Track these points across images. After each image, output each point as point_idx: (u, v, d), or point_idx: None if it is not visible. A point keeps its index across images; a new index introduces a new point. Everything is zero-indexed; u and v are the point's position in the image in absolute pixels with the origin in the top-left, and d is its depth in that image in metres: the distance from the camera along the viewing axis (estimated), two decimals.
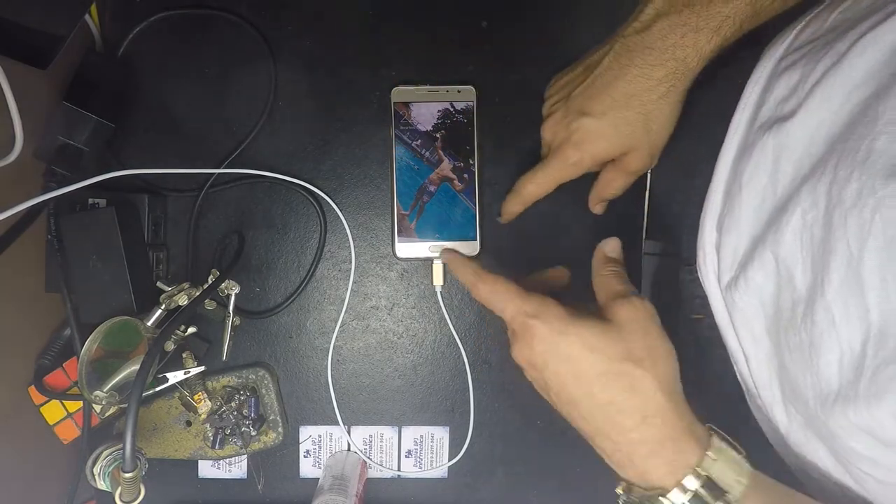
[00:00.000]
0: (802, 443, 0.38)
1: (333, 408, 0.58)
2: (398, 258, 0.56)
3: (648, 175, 0.56)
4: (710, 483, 0.33)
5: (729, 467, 0.34)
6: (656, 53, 0.40)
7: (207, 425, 0.56)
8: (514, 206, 0.52)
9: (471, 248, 0.55)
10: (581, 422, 0.37)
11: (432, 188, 0.55)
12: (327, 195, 0.56)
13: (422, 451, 0.59)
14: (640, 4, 0.42)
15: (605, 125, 0.44)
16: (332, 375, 0.58)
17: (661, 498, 0.33)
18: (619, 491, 0.37)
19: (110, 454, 0.51)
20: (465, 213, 0.55)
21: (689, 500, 0.33)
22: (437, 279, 0.56)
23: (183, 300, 0.51)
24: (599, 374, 0.35)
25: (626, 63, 0.42)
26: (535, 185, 0.49)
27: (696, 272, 0.46)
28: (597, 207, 0.53)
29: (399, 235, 0.55)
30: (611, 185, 0.50)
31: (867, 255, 0.31)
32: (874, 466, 0.33)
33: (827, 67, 0.36)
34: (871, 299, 0.31)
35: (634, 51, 0.41)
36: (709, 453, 0.34)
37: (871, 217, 0.30)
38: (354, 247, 0.57)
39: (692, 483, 0.33)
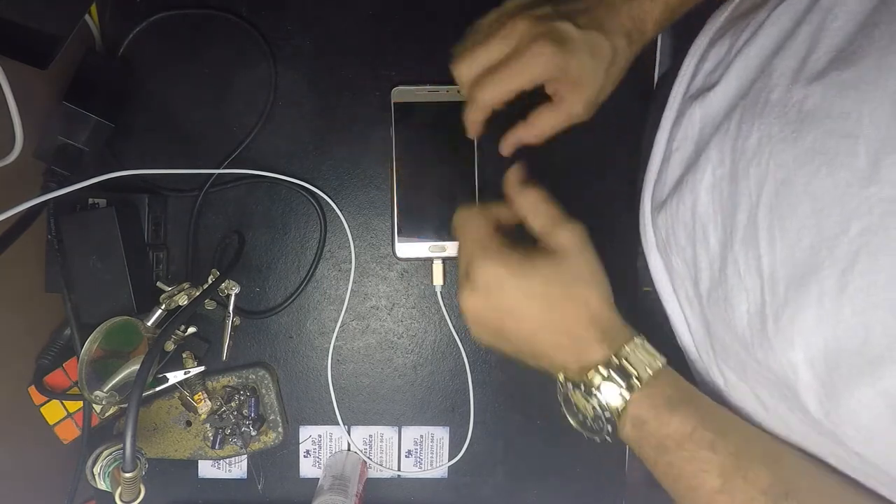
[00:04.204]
0: (742, 400, 0.39)
1: (333, 408, 0.58)
2: (398, 258, 0.56)
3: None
4: (627, 364, 0.37)
5: (645, 356, 0.38)
6: (616, 9, 0.42)
7: (207, 425, 0.56)
8: (474, 114, 0.44)
9: None
10: (537, 346, 0.40)
11: None
12: (327, 195, 0.56)
13: (422, 450, 0.59)
14: None
15: (584, 39, 0.40)
16: (332, 375, 0.58)
17: (591, 372, 0.37)
18: (559, 378, 0.40)
19: (110, 454, 0.51)
20: None
21: (614, 371, 0.37)
22: (437, 279, 0.56)
23: (183, 300, 0.51)
24: (559, 298, 0.39)
25: (594, 13, 0.42)
26: (494, 85, 0.42)
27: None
28: (507, 148, 0.47)
29: (399, 235, 0.55)
30: (539, 124, 0.44)
31: (762, 202, 0.32)
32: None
33: (748, 37, 0.37)
34: (763, 246, 0.32)
35: (600, 7, 0.42)
36: (636, 340, 0.38)
37: (768, 163, 0.32)
38: (354, 247, 0.57)
39: (614, 361, 0.37)
